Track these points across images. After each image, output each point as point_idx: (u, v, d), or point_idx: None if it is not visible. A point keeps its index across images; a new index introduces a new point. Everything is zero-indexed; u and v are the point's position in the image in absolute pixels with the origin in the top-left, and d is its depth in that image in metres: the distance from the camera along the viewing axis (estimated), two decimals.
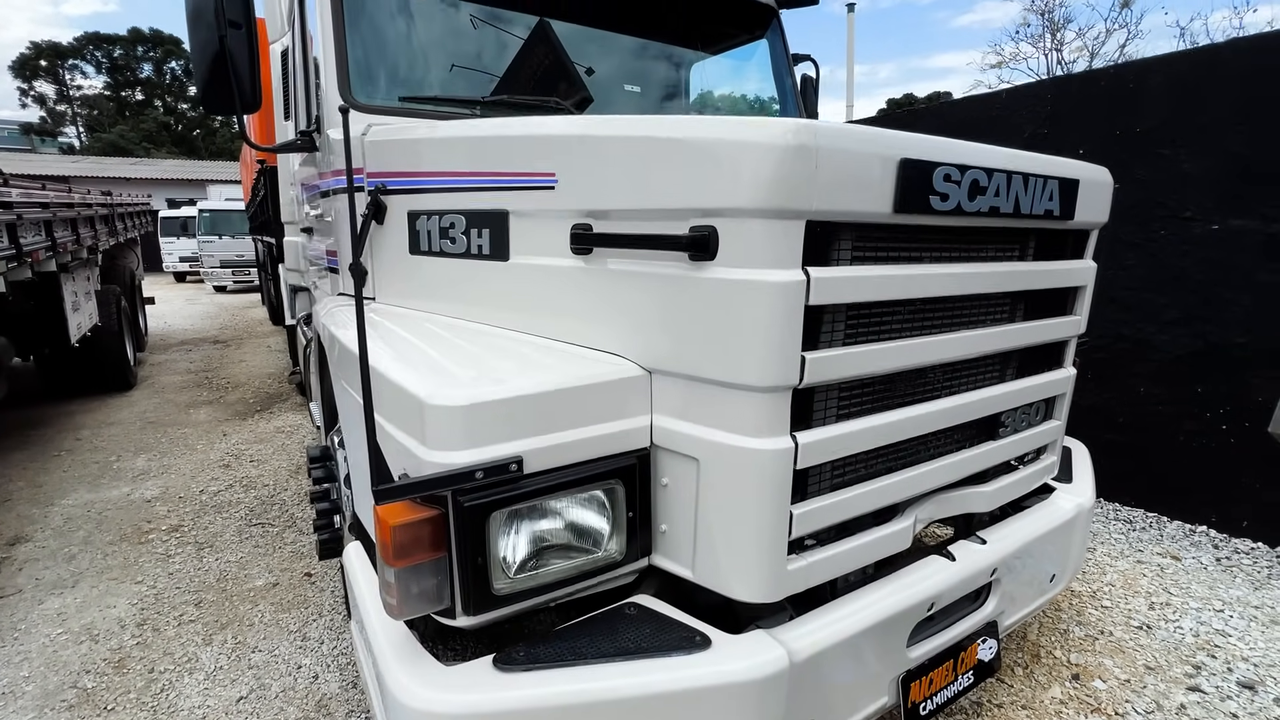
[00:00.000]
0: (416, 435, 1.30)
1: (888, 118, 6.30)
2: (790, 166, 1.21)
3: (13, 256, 3.67)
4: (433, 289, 1.99)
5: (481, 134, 1.77)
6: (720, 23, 3.44)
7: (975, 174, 1.47)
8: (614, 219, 1.48)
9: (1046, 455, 2.13)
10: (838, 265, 1.36)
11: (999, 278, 1.69)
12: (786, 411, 1.34)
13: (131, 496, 4.14)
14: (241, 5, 2.26)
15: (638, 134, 1.40)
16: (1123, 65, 3.60)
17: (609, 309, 1.53)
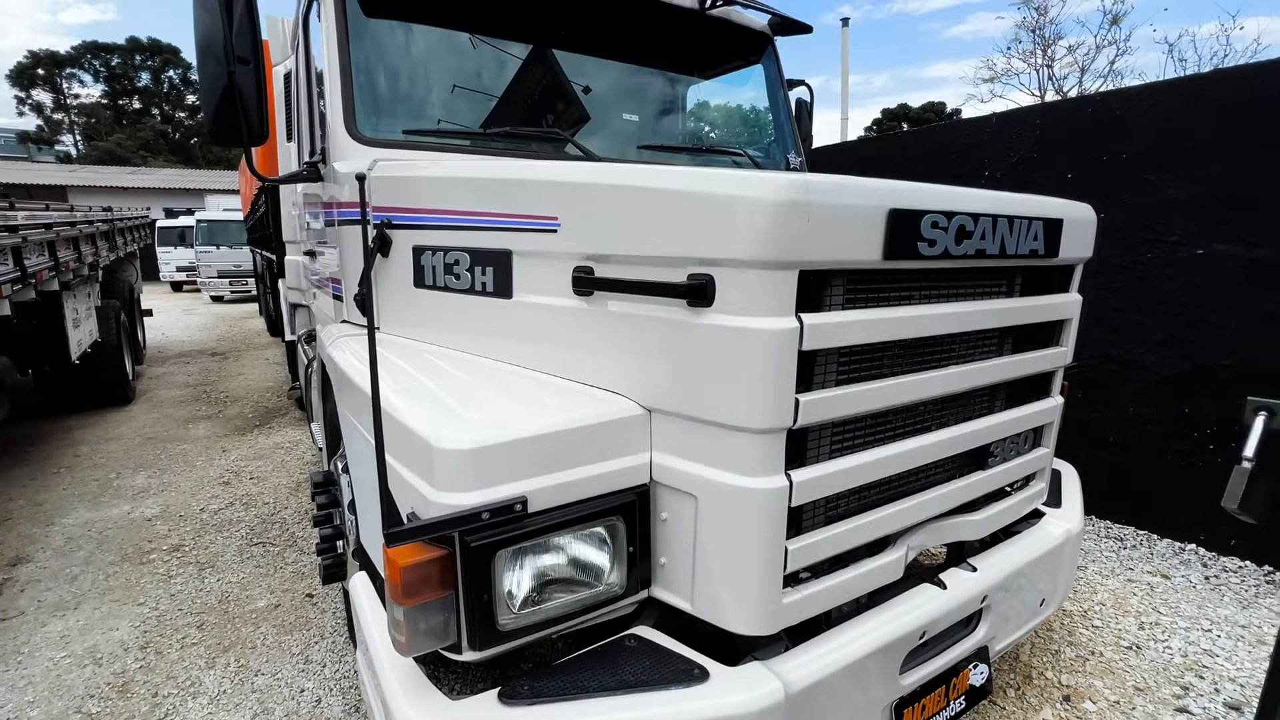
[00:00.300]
0: (425, 476, 1.35)
1: (882, 138, 6.38)
2: (784, 220, 1.26)
3: (18, 279, 3.71)
4: (437, 322, 2.04)
5: (487, 176, 1.83)
6: (717, 50, 3.51)
7: (961, 219, 1.54)
8: (614, 263, 1.53)
9: (1035, 482, 2.18)
10: (830, 310, 1.41)
11: (987, 315, 1.75)
12: (781, 451, 1.39)
13: (132, 515, 4.16)
14: (250, 42, 2.32)
15: (638, 184, 1.46)
16: (1109, 94, 3.69)
17: (609, 348, 1.58)
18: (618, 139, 3.02)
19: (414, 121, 2.54)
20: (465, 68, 2.72)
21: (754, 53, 3.60)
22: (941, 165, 4.44)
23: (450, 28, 2.72)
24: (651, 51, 3.24)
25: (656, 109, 3.38)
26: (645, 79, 3.30)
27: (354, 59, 2.41)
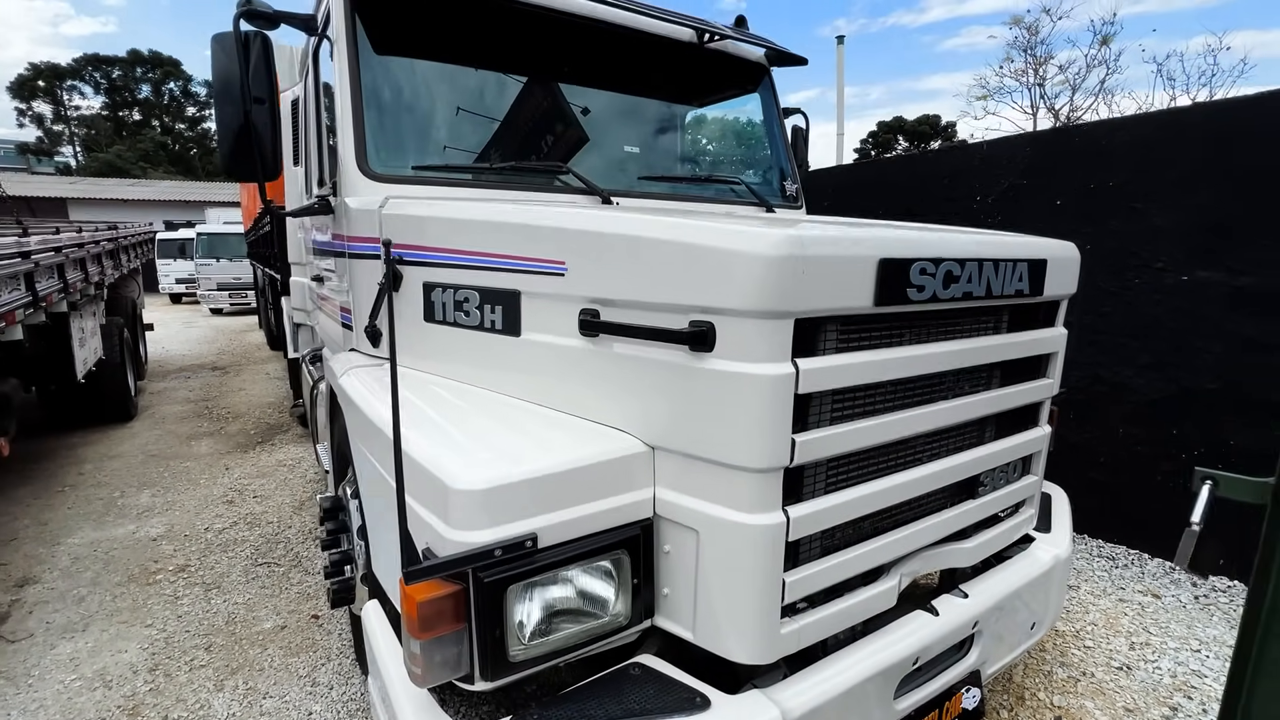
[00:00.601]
0: (440, 514, 1.41)
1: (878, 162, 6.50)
2: (779, 274, 1.34)
3: (30, 304, 3.78)
4: (446, 356, 2.11)
5: (498, 219, 1.90)
6: (715, 80, 3.62)
7: (948, 265, 1.62)
8: (619, 307, 1.61)
9: (1025, 509, 2.26)
10: (824, 355, 1.49)
11: (975, 352, 1.83)
12: (778, 489, 1.47)
13: (137, 535, 4.20)
14: (265, 82, 2.42)
15: (642, 235, 1.54)
16: (1095, 124, 3.80)
17: (614, 388, 1.65)
18: (620, 170, 3.11)
19: (423, 156, 2.63)
20: (471, 102, 2.81)
21: (751, 83, 3.70)
22: (935, 190, 4.54)
23: (457, 63, 2.82)
24: (652, 84, 3.34)
25: (657, 139, 3.47)
26: (646, 110, 3.40)
27: (365, 96, 2.50)
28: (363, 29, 2.51)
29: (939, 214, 4.48)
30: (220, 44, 2.38)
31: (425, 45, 2.75)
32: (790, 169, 3.74)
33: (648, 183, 3.14)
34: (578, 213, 1.74)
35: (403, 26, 2.65)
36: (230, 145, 2.43)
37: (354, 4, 2.49)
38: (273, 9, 2.45)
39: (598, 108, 3.16)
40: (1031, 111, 20.23)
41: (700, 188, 3.37)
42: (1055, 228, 3.89)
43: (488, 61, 2.87)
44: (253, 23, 2.40)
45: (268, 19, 2.44)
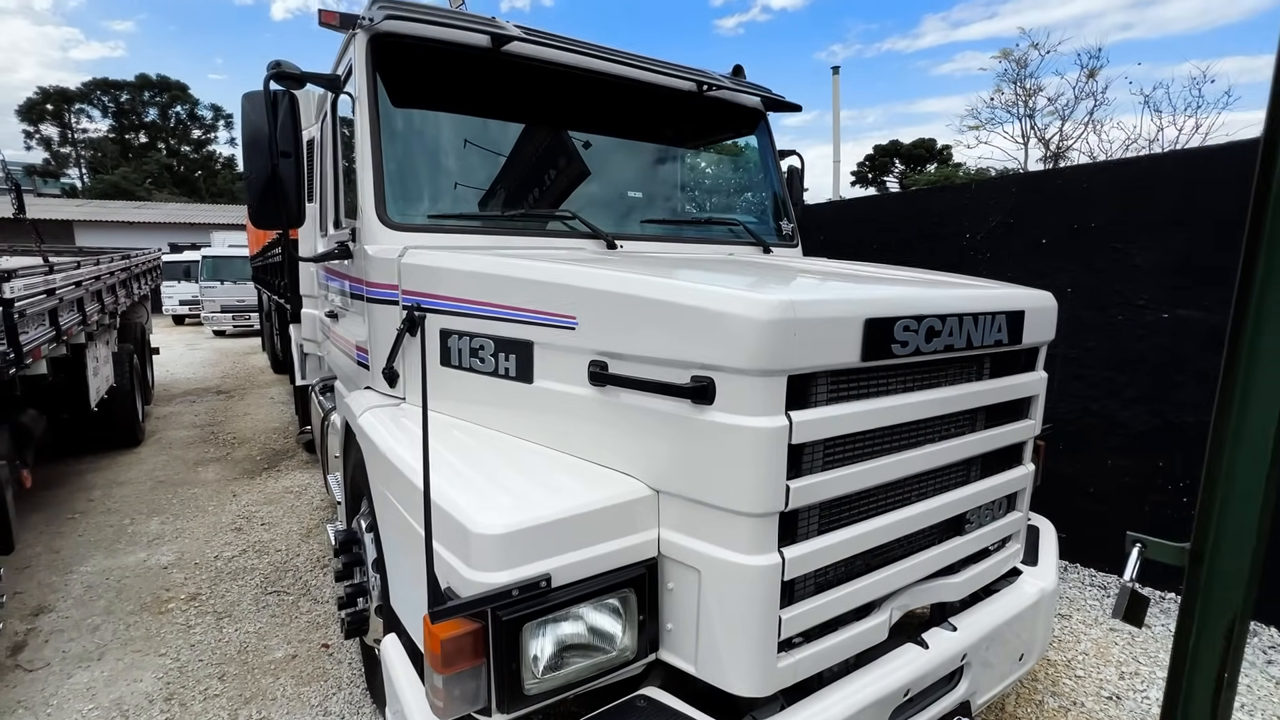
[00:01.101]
0: (461, 556, 1.53)
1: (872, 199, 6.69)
2: (774, 336, 1.48)
3: (53, 338, 3.91)
4: (462, 399, 2.23)
5: (513, 274, 2.04)
6: (714, 126, 3.81)
7: (930, 321, 1.75)
8: (627, 360, 1.74)
9: (1011, 544, 2.36)
10: (816, 407, 1.62)
11: (958, 399, 1.95)
12: (774, 532, 1.58)
13: (148, 563, 4.28)
14: (291, 138, 2.57)
15: (649, 295, 1.68)
16: (1077, 168, 3.98)
17: (621, 435, 1.77)
18: (624, 213, 3.27)
19: (439, 204, 2.79)
20: (485, 152, 2.97)
21: (748, 126, 3.88)
22: (925, 227, 4.71)
23: (472, 115, 2.98)
24: (655, 130, 3.52)
25: (659, 182, 3.64)
26: (649, 155, 3.57)
27: (385, 150, 2.65)
28: (383, 86, 2.68)
29: (929, 250, 4.64)
30: (250, 102, 2.54)
31: (441, 100, 2.92)
32: (786, 209, 3.90)
33: (651, 225, 3.30)
34: (589, 271, 1.88)
35: (420, 83, 2.82)
36: (258, 195, 2.58)
37: (375, 64, 2.65)
38: (300, 70, 2.61)
39: (603, 154, 3.33)
40: (1022, 141, 20.68)
41: (700, 229, 3.52)
42: (1041, 265, 4.05)
43: (501, 113, 3.04)
44: (281, 83, 2.56)
45: (295, 79, 2.60)
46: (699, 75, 3.39)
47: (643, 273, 1.88)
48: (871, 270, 2.55)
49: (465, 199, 2.87)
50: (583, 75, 3.02)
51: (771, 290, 1.60)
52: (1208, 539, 1.00)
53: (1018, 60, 20.06)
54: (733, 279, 1.96)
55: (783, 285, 1.99)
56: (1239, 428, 0.97)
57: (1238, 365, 0.97)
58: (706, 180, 4.15)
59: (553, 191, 3.07)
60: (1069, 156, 19.06)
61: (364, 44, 2.63)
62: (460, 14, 2.89)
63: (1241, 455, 0.98)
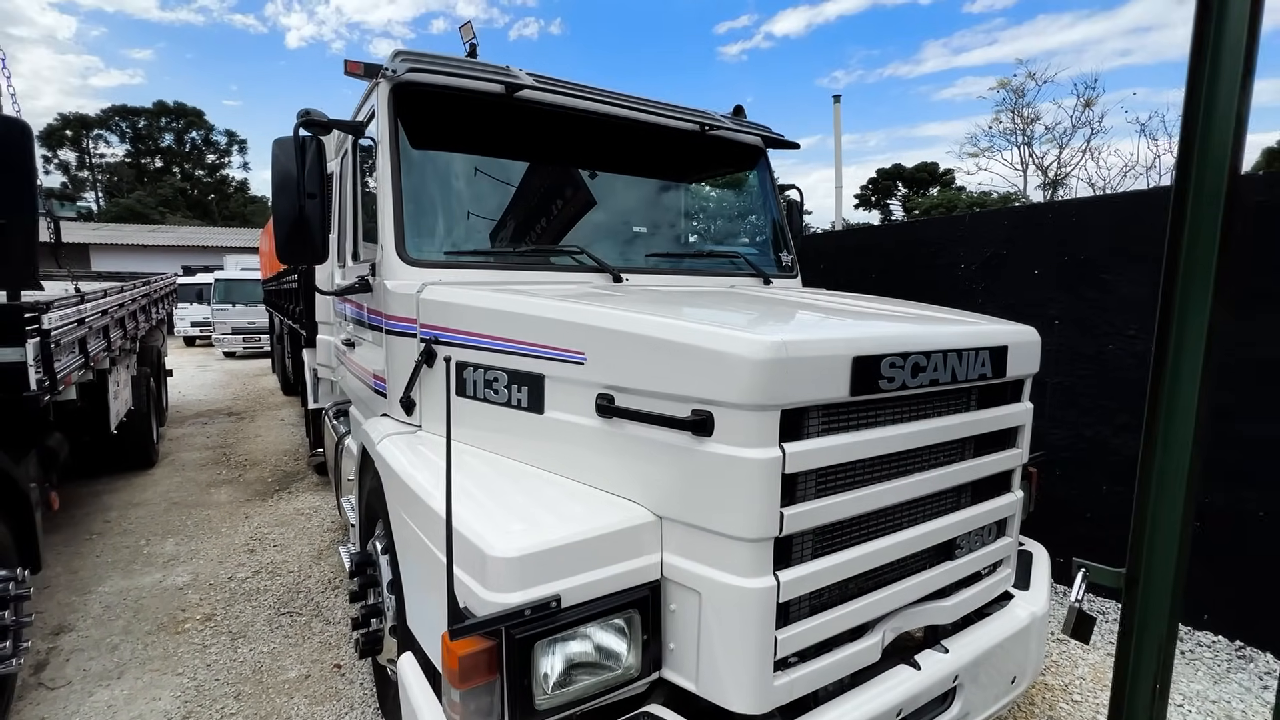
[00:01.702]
0: (478, 578, 1.64)
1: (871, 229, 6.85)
2: (767, 374, 1.60)
3: (82, 365, 4.08)
4: (476, 428, 2.36)
5: (525, 311, 2.18)
6: (716, 163, 3.98)
7: (915, 358, 1.88)
8: (631, 394, 1.87)
9: (1002, 569, 2.45)
10: (808, 439, 1.73)
11: (944, 430, 2.06)
12: (769, 556, 1.69)
13: (164, 583, 4.39)
14: (318, 180, 2.74)
15: (652, 335, 1.81)
16: (1066, 202, 4.13)
17: (626, 464, 1.89)
18: (630, 247, 3.42)
19: (455, 241, 2.95)
20: (498, 190, 3.14)
21: (748, 163, 4.05)
22: (922, 257, 4.86)
23: (486, 156, 3.16)
24: (659, 168, 3.69)
25: (663, 217, 3.80)
26: (654, 191, 3.74)
27: (404, 192, 2.82)
28: (403, 131, 2.86)
29: (925, 280, 4.78)
30: (281, 147, 2.72)
31: (457, 143, 3.10)
32: (786, 241, 4.05)
33: (655, 259, 3.45)
34: (597, 310, 2.02)
35: (437, 128, 3.00)
36: (286, 233, 2.74)
37: (396, 111, 2.83)
38: (327, 118, 2.80)
39: (610, 190, 3.50)
40: (1021, 168, 20.99)
41: (702, 262, 3.68)
42: (1033, 295, 4.18)
43: (513, 155, 3.22)
44: (310, 130, 2.73)
45: (322, 126, 2.78)
46: (701, 116, 3.57)
47: (647, 311, 2.01)
48: (864, 304, 2.68)
49: (480, 236, 3.03)
50: (591, 118, 3.20)
51: (766, 329, 1.73)
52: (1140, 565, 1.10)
53: (1015, 89, 20.47)
54: (731, 317, 2.09)
55: (777, 323, 2.12)
56: (1162, 464, 1.09)
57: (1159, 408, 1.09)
58: (709, 214, 4.32)
59: (562, 227, 3.23)
60: (1067, 183, 19.36)
61: (386, 93, 2.81)
62: (476, 64, 3.08)
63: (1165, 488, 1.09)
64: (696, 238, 4.07)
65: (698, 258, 3.71)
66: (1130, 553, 1.15)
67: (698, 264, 3.63)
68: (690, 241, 3.94)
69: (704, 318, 2.01)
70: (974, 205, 32.86)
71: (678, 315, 2.00)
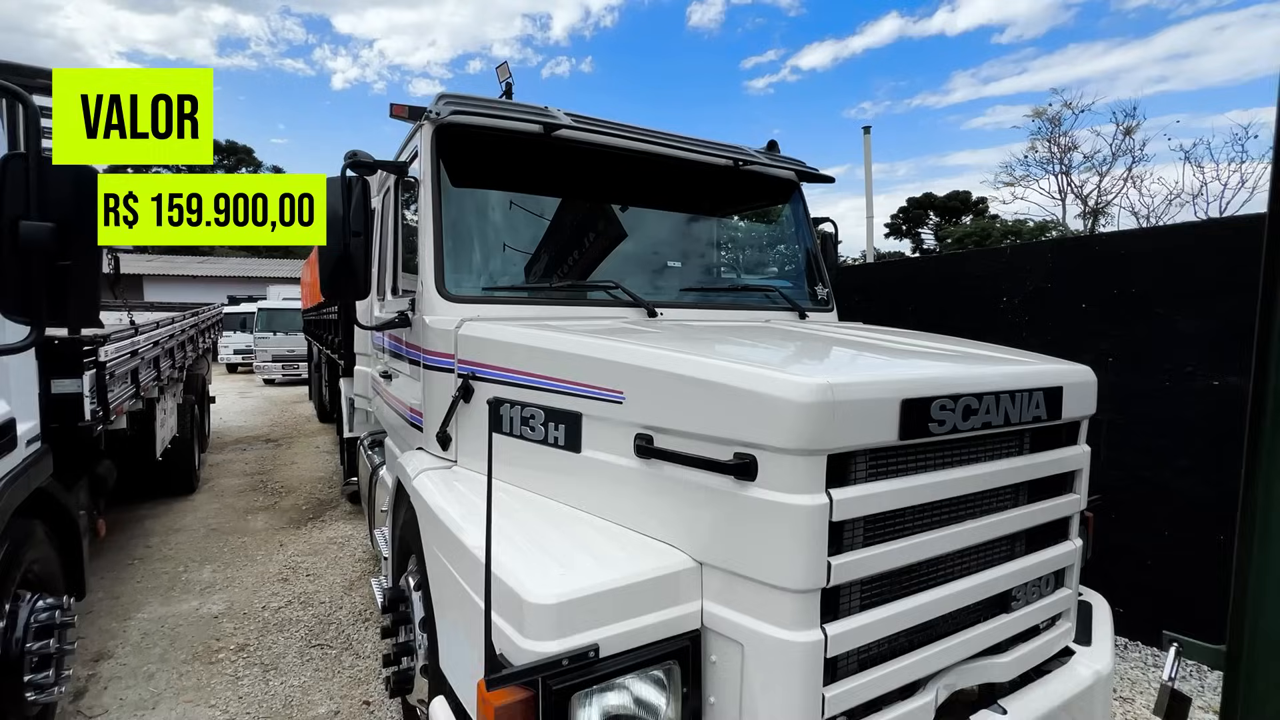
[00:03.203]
0: (515, 624, 1.60)
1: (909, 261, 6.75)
2: (814, 418, 1.55)
3: (133, 395, 4.23)
4: (512, 464, 2.34)
5: (563, 349, 2.18)
6: (750, 197, 3.99)
7: (966, 400, 1.80)
8: (671, 435, 1.83)
9: (1061, 622, 2.30)
10: (855, 484, 1.67)
11: (998, 475, 1.97)
12: (816, 608, 1.61)
13: (200, 611, 4.44)
14: (363, 219, 2.81)
15: (692, 375, 1.78)
16: (1114, 234, 4.01)
17: (665, 507, 1.85)
18: (665, 281, 3.42)
19: (493, 277, 2.99)
20: (536, 227, 3.19)
21: (782, 197, 4.05)
22: (962, 290, 4.75)
23: (525, 193, 3.22)
24: (694, 203, 3.71)
25: (698, 251, 3.81)
26: (688, 225, 3.75)
27: (445, 229, 2.87)
28: (445, 171, 2.93)
29: (966, 314, 4.66)
30: (329, 187, 2.80)
31: (496, 181, 3.17)
32: (821, 274, 4.00)
33: (689, 293, 3.44)
34: (635, 348, 2.00)
35: (478, 167, 3.07)
36: (331, 270, 2.81)
37: (438, 151, 2.91)
38: (373, 159, 2.89)
39: (645, 225, 3.53)
40: (1059, 197, 20.60)
41: (737, 295, 3.65)
42: (1082, 330, 4.03)
43: (550, 192, 3.27)
44: (356, 170, 2.82)
45: (368, 167, 2.87)
46: (734, 152, 3.59)
47: (686, 348, 1.99)
48: (908, 341, 2.61)
49: (516, 272, 3.07)
50: (627, 155, 3.25)
51: (812, 370, 1.69)
52: (1243, 641, 1.01)
53: (1051, 118, 20.22)
54: (773, 355, 2.05)
55: (822, 363, 2.07)
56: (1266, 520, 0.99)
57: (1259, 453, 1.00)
58: (743, 247, 4.31)
59: (597, 263, 3.25)
60: (1109, 212, 18.89)
61: (430, 134, 2.90)
62: (515, 105, 3.17)
63: (1272, 547, 1.00)
64: (731, 272, 4.05)
65: (732, 291, 3.69)
66: (1230, 625, 1.05)
67: (732, 298, 3.61)
68: (724, 276, 3.93)
69: (745, 356, 1.98)
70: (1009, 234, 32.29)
71: (718, 353, 1.98)
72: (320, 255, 2.84)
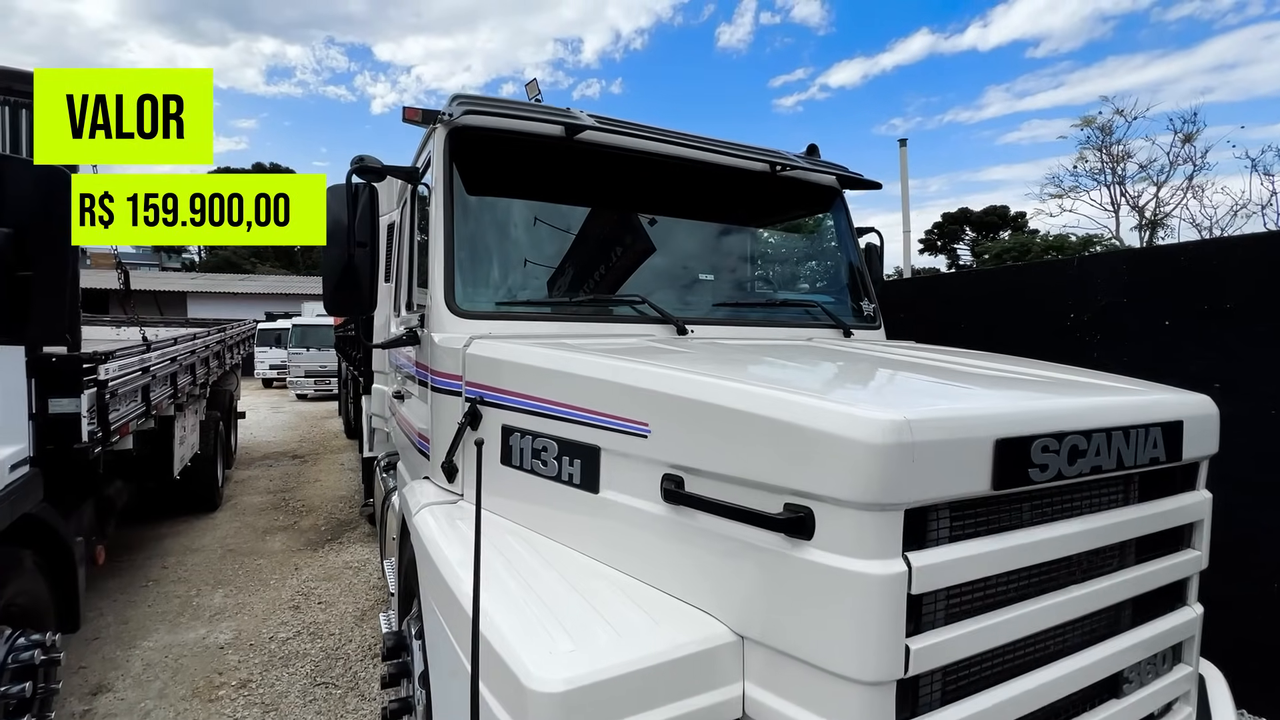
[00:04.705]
0: (513, 713, 1.30)
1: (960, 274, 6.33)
2: (888, 463, 1.23)
3: (143, 414, 4.09)
4: (522, 502, 2.06)
5: (580, 372, 1.89)
6: (789, 205, 3.68)
7: (1073, 439, 1.46)
8: (706, 478, 1.52)
9: (1180, 707, 1.90)
10: (937, 546, 1.33)
11: (1107, 530, 1.61)
12: (891, 704, 1.27)
13: (206, 641, 4.24)
14: (369, 229, 2.59)
15: (733, 406, 1.47)
16: (1203, 242, 3.59)
17: (699, 564, 1.53)
18: (696, 295, 3.13)
19: (508, 292, 2.74)
20: (556, 238, 2.93)
21: (823, 205, 3.73)
22: (1020, 306, 4.34)
23: (546, 202, 2.98)
24: (728, 211, 3.42)
25: (732, 263, 3.51)
26: (721, 236, 3.46)
27: (457, 240, 2.64)
28: (459, 177, 2.70)
29: (1023, 333, 4.25)
30: (334, 194, 2.60)
31: (514, 188, 2.93)
32: (866, 288, 3.66)
33: (723, 309, 3.14)
34: (663, 372, 1.70)
35: (495, 173, 2.84)
36: (335, 282, 2.59)
37: (452, 155, 2.68)
38: (381, 164, 2.68)
39: (675, 235, 3.25)
40: (1113, 209, 19.61)
41: (775, 311, 3.34)
42: (1166, 351, 3.60)
43: (572, 200, 3.02)
44: (363, 176, 2.61)
45: (376, 173, 2.65)
46: (772, 156, 3.30)
47: (725, 373, 1.68)
48: (981, 365, 2.25)
49: (535, 285, 2.81)
50: (655, 160, 2.98)
51: (882, 403, 1.37)
52: None
53: (1102, 127, 19.31)
54: (831, 383, 1.73)
55: (892, 394, 1.74)
56: None
57: None
58: (781, 259, 4.00)
59: (621, 276, 2.98)
60: (1167, 224, 17.86)
61: (443, 137, 2.67)
62: (534, 106, 2.94)
63: None
64: (767, 285, 3.74)
65: (769, 307, 3.38)
66: None
67: (769, 314, 3.29)
68: (761, 290, 3.62)
69: (798, 383, 1.67)
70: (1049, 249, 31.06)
71: (763, 379, 1.67)
72: (323, 267, 2.63)
